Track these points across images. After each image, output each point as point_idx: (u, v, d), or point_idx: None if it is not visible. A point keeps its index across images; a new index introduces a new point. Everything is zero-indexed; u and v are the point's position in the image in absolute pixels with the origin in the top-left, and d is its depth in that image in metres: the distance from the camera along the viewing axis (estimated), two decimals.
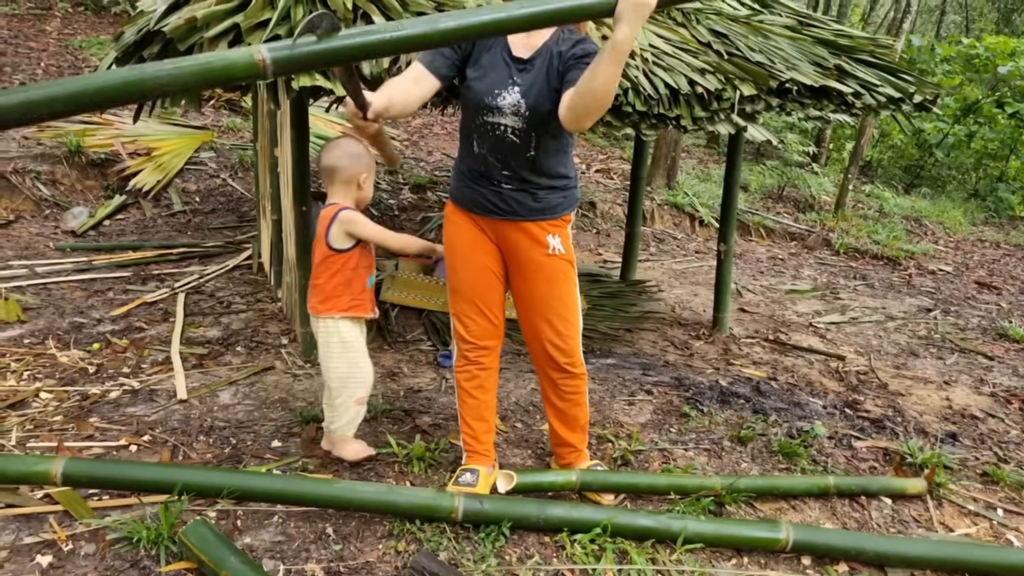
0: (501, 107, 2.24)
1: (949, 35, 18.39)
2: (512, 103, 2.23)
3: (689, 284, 5.92)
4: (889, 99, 3.75)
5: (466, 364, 2.56)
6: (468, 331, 2.52)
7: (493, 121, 2.27)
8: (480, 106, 2.27)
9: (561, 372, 2.51)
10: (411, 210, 6.72)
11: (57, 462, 2.26)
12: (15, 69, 7.50)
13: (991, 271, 7.66)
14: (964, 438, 3.52)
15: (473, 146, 2.36)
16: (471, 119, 2.33)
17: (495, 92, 2.24)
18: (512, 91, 2.23)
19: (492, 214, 2.38)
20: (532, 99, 2.22)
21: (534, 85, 2.21)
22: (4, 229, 5.04)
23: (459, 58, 2.27)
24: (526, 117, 2.24)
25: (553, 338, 2.46)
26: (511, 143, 2.28)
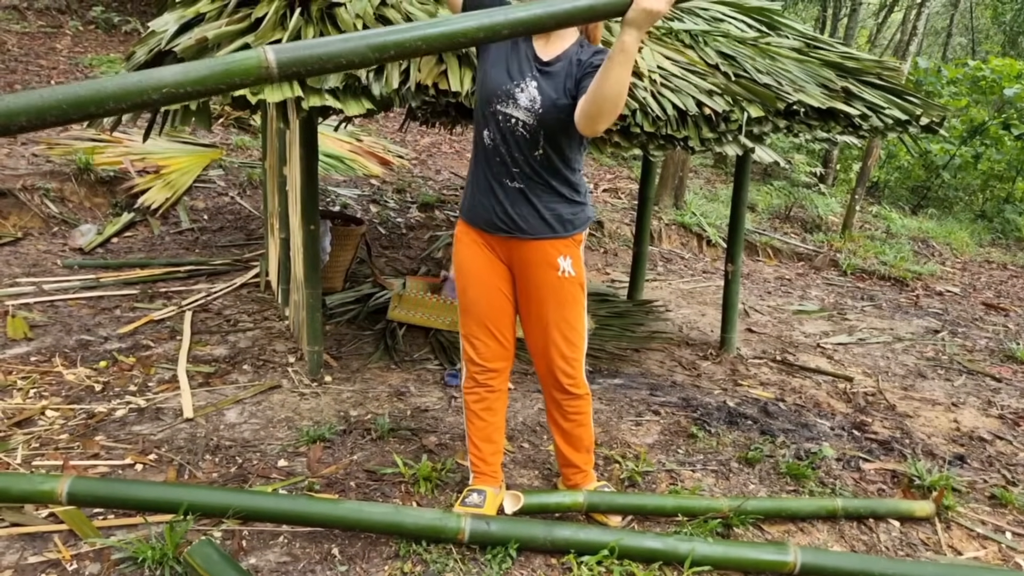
0: (517, 98, 2.25)
1: (955, 57, 18.45)
2: (528, 98, 2.24)
3: (696, 304, 5.91)
4: (896, 121, 3.75)
5: (475, 386, 2.55)
6: (478, 353, 2.50)
7: (506, 112, 2.27)
8: (496, 94, 2.27)
9: (565, 393, 2.50)
10: (419, 228, 6.74)
11: (63, 481, 2.25)
12: (25, 86, 7.57)
13: (998, 292, 7.63)
14: (972, 460, 3.49)
15: (484, 137, 2.34)
16: (484, 107, 2.32)
17: (514, 82, 2.25)
18: (530, 86, 2.24)
19: (502, 232, 2.36)
20: (548, 99, 2.22)
21: (552, 87, 2.22)
22: (12, 246, 5.06)
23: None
24: (539, 115, 2.23)
25: (558, 360, 2.45)
26: (521, 135, 2.27)
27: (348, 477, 2.76)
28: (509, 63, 2.27)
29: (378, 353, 4.00)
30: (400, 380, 3.72)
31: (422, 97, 2.78)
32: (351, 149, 7.97)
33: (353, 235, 4.79)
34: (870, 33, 19.18)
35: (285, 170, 4.05)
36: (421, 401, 3.50)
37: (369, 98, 2.70)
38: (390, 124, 9.79)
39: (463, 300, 2.51)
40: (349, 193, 7.10)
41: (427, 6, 3.08)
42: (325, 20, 2.76)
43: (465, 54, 2.92)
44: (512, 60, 2.27)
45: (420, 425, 3.24)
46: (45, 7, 9.91)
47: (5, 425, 2.89)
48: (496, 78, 2.27)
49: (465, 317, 2.52)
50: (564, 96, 2.21)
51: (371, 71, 2.69)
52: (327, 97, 2.61)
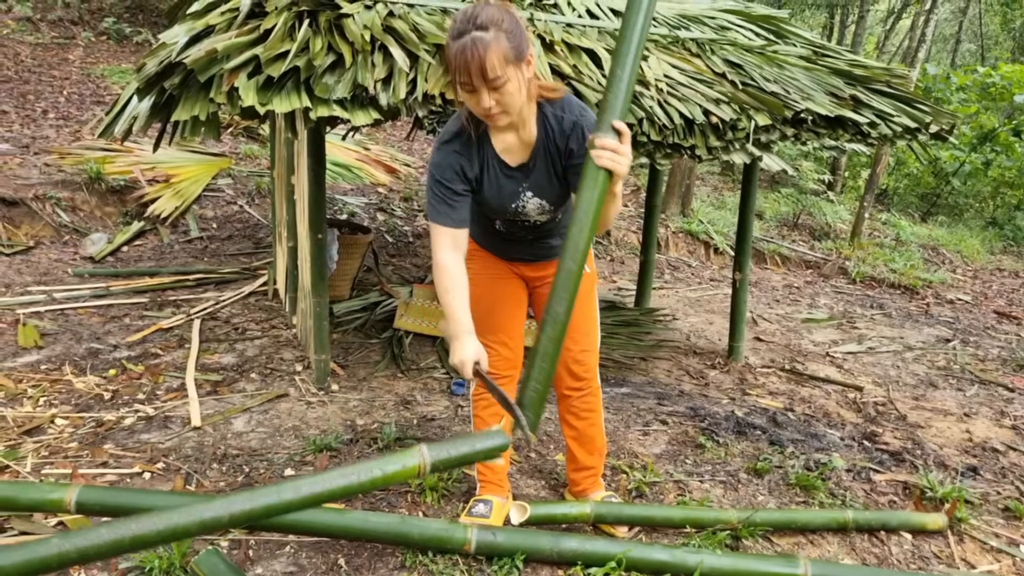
0: (526, 212, 2.26)
1: (964, 64, 18.39)
2: (536, 207, 2.25)
3: (704, 312, 5.89)
4: (905, 129, 3.74)
5: (484, 392, 2.54)
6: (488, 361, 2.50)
7: (519, 220, 2.30)
8: (501, 216, 2.28)
9: (579, 385, 2.53)
10: (425, 237, 6.75)
11: (71, 490, 2.26)
12: (38, 97, 7.64)
13: (1010, 301, 7.58)
14: (985, 471, 3.46)
15: (496, 225, 2.37)
16: (492, 215, 2.32)
17: (512, 205, 2.23)
18: (529, 197, 2.22)
19: (523, 262, 2.46)
20: (549, 196, 2.24)
21: (543, 183, 2.21)
22: (24, 255, 5.10)
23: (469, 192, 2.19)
24: (550, 209, 2.28)
25: (576, 354, 2.49)
26: (537, 224, 2.34)
27: None
28: (498, 189, 2.19)
29: (385, 362, 4.00)
30: (407, 389, 3.71)
31: (429, 107, 2.79)
32: (358, 158, 8.00)
33: (360, 243, 4.80)
34: (878, 40, 19.13)
35: (293, 179, 4.06)
36: (427, 410, 3.50)
37: (376, 108, 2.71)
38: (397, 133, 9.83)
39: (476, 309, 2.46)
40: (356, 201, 7.12)
41: (435, 17, 3.09)
42: (333, 32, 2.78)
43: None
44: (498, 186, 2.19)
45: (427, 434, 3.23)
46: (58, 19, 10.01)
47: (15, 433, 2.90)
48: (496, 206, 2.24)
49: (476, 325, 2.50)
50: (559, 182, 2.21)
51: (378, 81, 2.70)
52: (335, 107, 2.62)
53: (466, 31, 1.85)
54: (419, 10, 3.14)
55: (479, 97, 1.91)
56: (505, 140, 2.14)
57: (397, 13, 3.03)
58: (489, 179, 2.18)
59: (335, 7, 2.90)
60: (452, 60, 1.87)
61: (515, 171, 2.18)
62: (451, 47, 1.87)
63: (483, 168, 2.16)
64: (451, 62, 1.88)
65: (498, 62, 1.85)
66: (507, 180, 2.19)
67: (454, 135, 2.13)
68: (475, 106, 1.96)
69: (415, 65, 2.82)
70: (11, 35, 9.20)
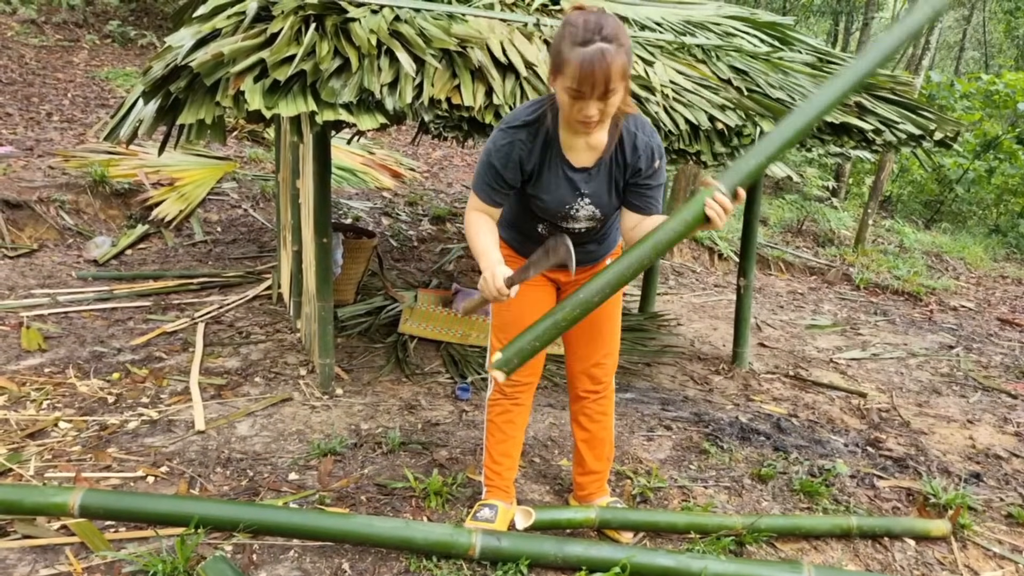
0: (576, 217, 2.24)
1: (968, 71, 18.40)
2: (587, 214, 2.24)
3: (708, 318, 5.89)
4: (909, 136, 3.74)
5: (501, 399, 2.54)
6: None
7: (567, 226, 2.28)
8: (552, 217, 2.26)
9: (595, 392, 2.55)
10: (430, 241, 6.76)
11: (75, 494, 2.26)
12: (42, 99, 7.66)
13: (1013, 308, 7.57)
14: (988, 478, 3.45)
15: (539, 228, 2.34)
16: (543, 218, 2.30)
17: (566, 207, 2.21)
18: (583, 203, 2.21)
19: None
20: (604, 206, 2.23)
21: (602, 192, 2.21)
22: (28, 258, 5.11)
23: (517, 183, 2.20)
24: (600, 218, 2.27)
25: (600, 357, 2.51)
26: (581, 231, 2.32)
27: (359, 491, 2.76)
28: (555, 189, 2.18)
29: (389, 366, 4.00)
30: (411, 393, 3.71)
31: (435, 111, 2.80)
32: (363, 162, 8.01)
33: (365, 248, 4.80)
34: None
35: (298, 183, 4.07)
36: (432, 415, 3.49)
37: (382, 112, 2.72)
38: (402, 137, 9.84)
39: (505, 315, 2.46)
40: (361, 206, 7.13)
41: (441, 22, 3.10)
42: (339, 36, 2.78)
43: (479, 69, 2.93)
44: (556, 186, 2.18)
45: (431, 439, 3.23)
46: (63, 21, 10.04)
47: (19, 436, 2.90)
48: (549, 207, 2.22)
49: (504, 332, 2.46)
50: (616, 195, 2.23)
51: (384, 86, 2.71)
52: (341, 111, 2.62)
53: (592, 40, 1.85)
54: (425, 14, 3.14)
55: (585, 105, 1.92)
56: (574, 141, 2.13)
57: (403, 18, 3.04)
58: (549, 176, 2.17)
59: (341, 11, 2.90)
60: (574, 67, 1.86)
61: (577, 172, 2.17)
62: (573, 52, 1.86)
63: (544, 163, 2.15)
64: (571, 68, 1.87)
65: (617, 76, 1.88)
66: (566, 181, 2.17)
67: (525, 124, 2.11)
68: (576, 112, 1.95)
69: (421, 69, 2.83)
70: (16, 37, 9.23)
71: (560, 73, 1.92)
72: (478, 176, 2.17)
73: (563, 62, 1.89)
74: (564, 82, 1.91)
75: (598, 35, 1.85)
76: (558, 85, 1.95)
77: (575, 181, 2.17)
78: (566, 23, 1.92)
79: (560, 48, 1.90)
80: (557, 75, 1.94)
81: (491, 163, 2.13)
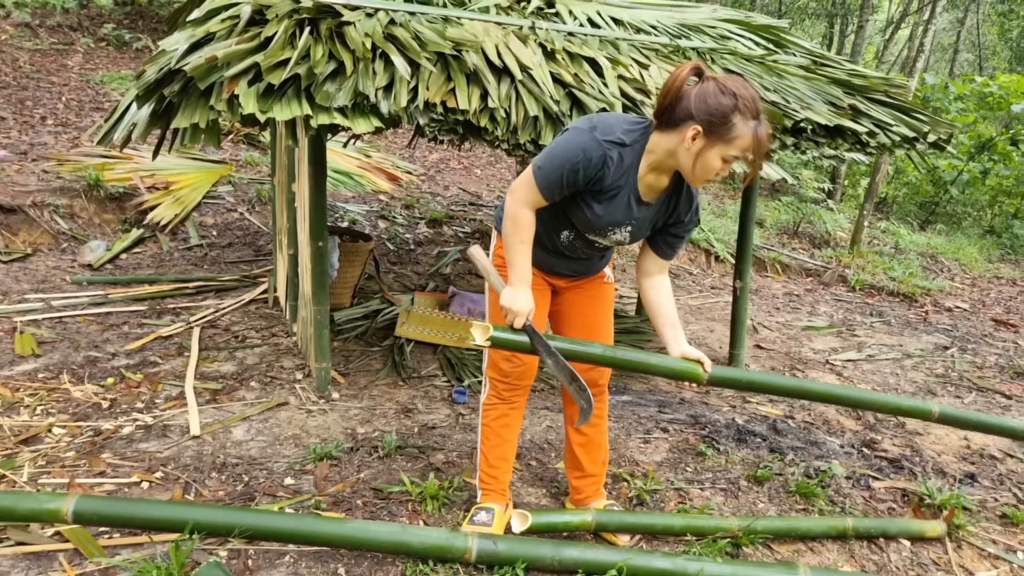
0: (610, 236, 2.27)
1: (962, 73, 18.46)
2: (619, 239, 2.28)
3: (705, 320, 5.89)
4: (903, 138, 3.75)
5: (497, 403, 2.54)
6: (514, 371, 2.48)
7: (593, 239, 2.31)
8: (589, 229, 2.26)
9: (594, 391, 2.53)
10: (427, 244, 6.75)
11: (68, 500, 2.24)
12: (37, 103, 7.64)
13: (1008, 308, 7.59)
14: (983, 479, 3.45)
15: (562, 235, 2.34)
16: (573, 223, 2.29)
17: (610, 226, 2.23)
18: (624, 230, 2.25)
19: (563, 276, 2.49)
20: (637, 237, 2.30)
21: (643, 226, 2.27)
22: (21, 262, 5.09)
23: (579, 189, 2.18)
24: (624, 242, 2.32)
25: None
26: (603, 248, 2.39)
27: (355, 495, 2.75)
28: (613, 210, 2.19)
29: (386, 370, 3.99)
30: (408, 397, 3.71)
31: (430, 115, 2.79)
32: (360, 165, 8.00)
33: (361, 251, 4.80)
34: (877, 50, 19.21)
35: (294, 186, 4.06)
36: (429, 418, 3.49)
37: (378, 116, 2.72)
38: (399, 140, 9.84)
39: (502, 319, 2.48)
40: (357, 209, 7.12)
41: (436, 25, 3.10)
42: (334, 39, 2.78)
43: (474, 72, 2.93)
44: (616, 207, 2.19)
45: (427, 443, 3.22)
46: (57, 24, 10.02)
47: (12, 442, 2.89)
48: (597, 222, 2.22)
49: None
50: (652, 232, 2.32)
51: (379, 89, 2.70)
52: (336, 115, 2.62)
53: (759, 115, 1.97)
54: (420, 18, 3.14)
55: (726, 167, 2.03)
56: (653, 177, 2.17)
57: (398, 21, 3.04)
58: (616, 198, 2.17)
59: (336, 15, 2.90)
60: (749, 140, 1.96)
61: (638, 204, 2.20)
62: (747, 126, 1.95)
63: (618, 187, 2.15)
64: (745, 141, 1.96)
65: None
66: (626, 208, 2.19)
67: (621, 144, 2.11)
68: (713, 170, 2.02)
69: (416, 73, 2.82)
70: (10, 41, 9.21)
71: (723, 141, 1.97)
72: (551, 172, 2.10)
73: (736, 135, 1.95)
74: (727, 150, 1.98)
75: (761, 109, 1.97)
76: (711, 150, 1.99)
77: (633, 210, 2.21)
78: (731, 93, 1.95)
79: (731, 120, 1.94)
80: (716, 142, 1.97)
81: (575, 166, 2.08)
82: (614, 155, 2.09)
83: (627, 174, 2.14)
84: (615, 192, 2.16)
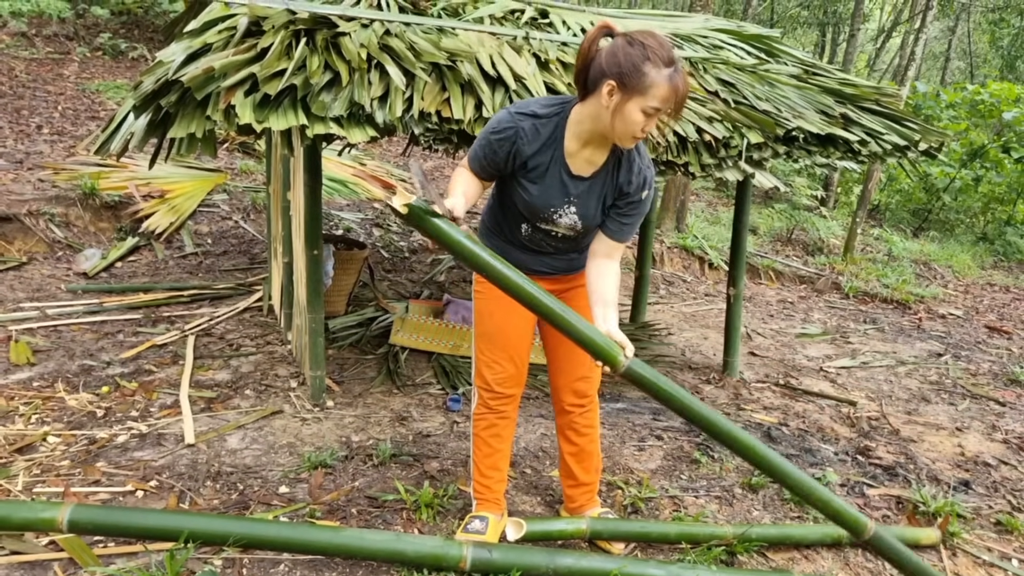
0: (557, 223, 2.26)
1: (954, 81, 18.57)
2: (568, 223, 2.26)
3: (699, 327, 5.91)
4: (895, 146, 3.78)
5: (486, 412, 2.53)
6: (496, 378, 2.48)
7: (546, 228, 2.30)
8: (535, 215, 2.26)
9: (581, 406, 2.56)
10: (421, 252, 6.76)
11: (63, 509, 2.25)
12: (32, 112, 7.64)
13: (1001, 315, 7.62)
14: (977, 486, 3.47)
15: (521, 228, 2.34)
16: (525, 216, 2.30)
17: (551, 209, 2.23)
18: (568, 211, 2.23)
19: (543, 275, 2.44)
20: (588, 218, 2.26)
21: (589, 204, 2.24)
22: (16, 271, 5.09)
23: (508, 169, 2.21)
24: (579, 230, 2.29)
25: (586, 371, 2.53)
26: (563, 238, 2.34)
27: (349, 504, 2.76)
28: (546, 188, 2.20)
29: (380, 377, 4.00)
30: (402, 405, 3.71)
31: (425, 124, 2.81)
32: (354, 173, 7.99)
33: (356, 259, 4.81)
34: (869, 58, 19.33)
35: (289, 195, 4.07)
36: (423, 426, 3.49)
37: (373, 125, 2.73)
38: (393, 148, 9.86)
39: (487, 325, 2.47)
40: (352, 217, 7.13)
41: (431, 36, 3.12)
42: (330, 50, 2.80)
43: (468, 82, 2.95)
44: (548, 185, 2.20)
45: (422, 451, 3.23)
46: (53, 34, 10.02)
47: (7, 451, 2.88)
48: (535, 205, 2.23)
49: (486, 343, 2.48)
50: (601, 211, 2.27)
51: (375, 99, 2.72)
52: (331, 125, 2.63)
53: (674, 61, 1.94)
54: (415, 29, 3.16)
55: (650, 121, 1.99)
56: (580, 150, 2.16)
57: (394, 32, 3.06)
58: (544, 173, 2.18)
59: (332, 26, 2.92)
60: (664, 88, 1.93)
61: (572, 179, 2.19)
62: (661, 74, 1.92)
63: (543, 162, 2.16)
64: (660, 89, 1.93)
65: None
66: (560, 184, 2.19)
67: (535, 115, 2.13)
68: (636, 127, 1.99)
69: (411, 83, 2.84)
70: (6, 50, 9.21)
71: (639, 93, 1.95)
72: (474, 148, 2.19)
73: (649, 83, 1.93)
74: (644, 101, 1.95)
75: (674, 56, 1.94)
76: (629, 104, 1.97)
77: (568, 186, 2.19)
78: (639, 43, 1.94)
79: (642, 68, 1.92)
80: (632, 95, 1.96)
81: (489, 141, 2.14)
82: (526, 125, 2.11)
83: (548, 147, 2.15)
84: (542, 168, 2.16)
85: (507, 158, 2.15)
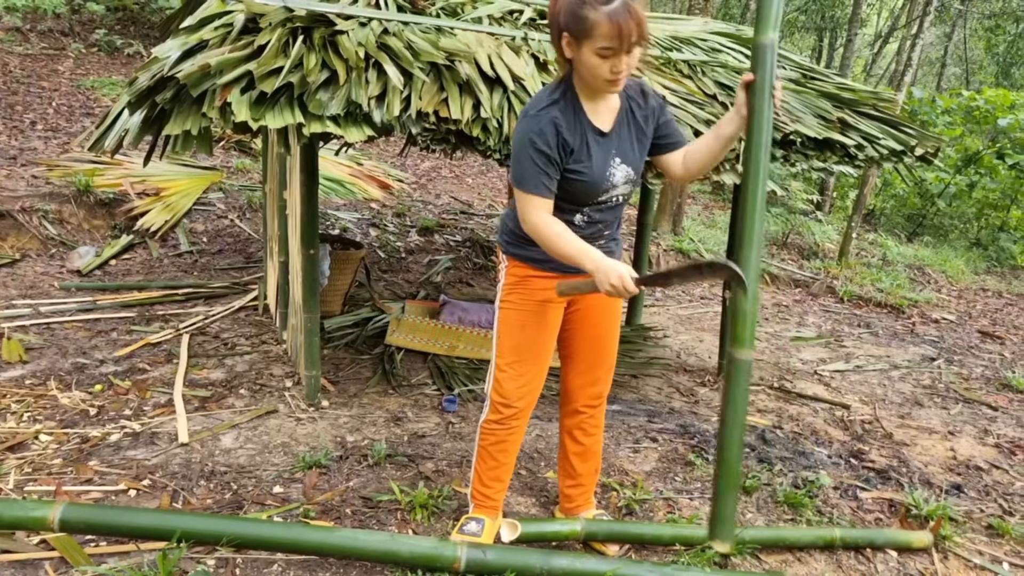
0: (615, 183, 2.23)
1: (950, 87, 18.64)
2: (623, 175, 2.23)
3: (694, 330, 5.91)
4: (891, 151, 3.78)
5: (496, 428, 2.45)
6: (515, 389, 2.40)
7: (609, 195, 2.25)
8: (595, 190, 2.21)
9: (593, 407, 2.56)
10: (418, 252, 6.75)
11: (55, 508, 2.23)
12: (26, 108, 7.61)
13: (994, 320, 7.65)
14: (969, 489, 3.48)
15: (576, 220, 2.27)
16: (583, 201, 2.24)
17: (607, 174, 2.20)
18: (618, 164, 2.21)
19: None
20: (634, 161, 2.25)
21: (628, 148, 2.23)
22: (9, 268, 5.06)
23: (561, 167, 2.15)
24: (634, 178, 2.27)
25: (603, 374, 2.53)
26: (619, 205, 2.32)
27: (344, 504, 2.75)
28: (592, 159, 2.16)
29: (376, 378, 3.99)
30: (398, 405, 3.70)
31: (422, 124, 2.81)
32: (351, 173, 8.00)
33: (352, 259, 4.80)
34: (866, 63, 19.39)
35: (285, 194, 4.06)
36: (418, 427, 3.49)
37: (370, 125, 2.72)
38: (391, 148, 9.85)
39: (517, 338, 2.38)
40: (349, 217, 7.12)
41: (429, 35, 3.11)
42: (327, 48, 2.79)
43: (467, 82, 2.94)
44: (592, 155, 2.16)
45: (417, 451, 3.22)
46: (48, 29, 9.99)
47: None
48: (595, 179, 2.18)
49: (515, 354, 2.39)
50: (639, 148, 2.26)
51: (372, 98, 2.71)
52: (328, 124, 2.62)
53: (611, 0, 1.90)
54: (413, 28, 3.16)
55: (618, 60, 1.97)
56: (596, 106, 2.16)
57: (392, 31, 3.05)
58: (587, 147, 2.15)
59: (329, 24, 2.91)
60: (607, 24, 1.90)
61: (605, 136, 2.18)
62: (600, 12, 1.90)
63: (581, 135, 2.14)
64: (604, 27, 1.90)
65: (645, 24, 1.94)
66: (599, 147, 2.17)
67: (553, 102, 2.11)
68: (607, 70, 1.98)
69: (409, 82, 2.84)
70: (0, 46, 9.18)
71: (587, 37, 1.94)
72: (526, 173, 2.08)
73: (591, 25, 1.92)
74: (594, 44, 1.94)
75: None
76: (584, 51, 1.97)
77: (604, 145, 2.18)
78: None
79: (581, 14, 1.92)
80: (582, 41, 1.96)
81: (538, 149, 2.07)
82: (555, 112, 2.10)
83: (577, 123, 2.14)
84: (582, 143, 2.15)
85: (559, 154, 2.11)
